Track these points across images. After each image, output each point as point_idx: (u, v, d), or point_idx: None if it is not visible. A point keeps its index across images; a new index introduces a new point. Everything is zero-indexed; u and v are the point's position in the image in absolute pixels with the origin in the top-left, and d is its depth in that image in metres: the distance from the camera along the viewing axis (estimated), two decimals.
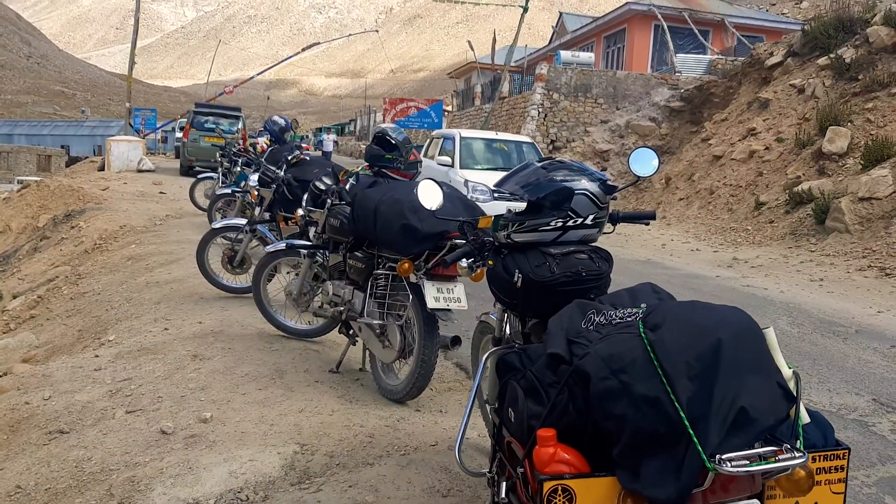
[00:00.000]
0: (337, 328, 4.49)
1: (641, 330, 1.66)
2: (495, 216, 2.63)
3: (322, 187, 4.68)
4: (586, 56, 27.63)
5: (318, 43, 33.96)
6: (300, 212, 4.82)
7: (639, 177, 2.64)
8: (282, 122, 8.64)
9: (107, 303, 6.58)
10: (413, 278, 3.77)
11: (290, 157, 6.02)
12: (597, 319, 1.86)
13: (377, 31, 64.68)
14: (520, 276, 2.34)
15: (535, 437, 1.66)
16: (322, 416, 3.55)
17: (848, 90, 13.50)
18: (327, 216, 4.52)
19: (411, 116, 33.06)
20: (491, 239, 2.58)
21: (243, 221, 6.24)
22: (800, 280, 8.28)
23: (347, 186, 4.49)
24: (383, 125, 5.14)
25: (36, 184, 14.50)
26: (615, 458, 1.59)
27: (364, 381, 4.25)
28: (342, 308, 4.28)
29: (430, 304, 3.64)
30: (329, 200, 4.54)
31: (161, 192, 14.85)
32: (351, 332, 4.33)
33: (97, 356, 4.56)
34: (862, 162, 10.92)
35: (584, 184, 2.40)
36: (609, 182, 2.48)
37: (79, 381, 4.08)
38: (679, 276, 8.41)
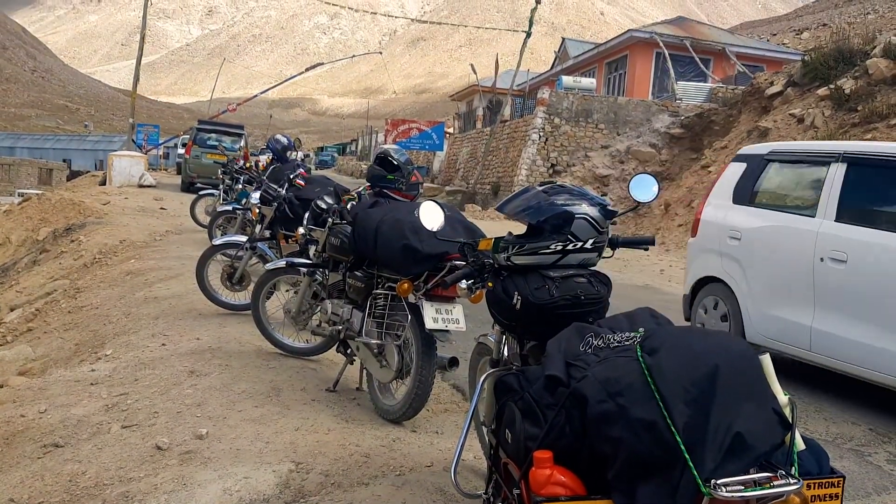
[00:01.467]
0: (335, 347, 4.49)
1: (639, 354, 1.68)
2: (495, 238, 2.65)
3: (323, 206, 4.71)
4: (588, 82, 27.86)
5: (322, 63, 34.27)
6: (301, 230, 4.85)
7: (639, 202, 2.66)
8: (284, 140, 8.71)
9: (105, 317, 6.58)
10: (412, 299, 3.78)
11: (292, 176, 6.06)
12: (595, 343, 1.87)
13: (381, 52, 65.27)
14: (519, 298, 2.36)
15: (532, 459, 1.66)
16: (318, 434, 3.54)
17: (847, 121, 13.62)
18: (328, 235, 4.54)
19: (413, 138, 33.28)
20: (491, 261, 2.60)
21: (244, 239, 6.27)
22: None
23: (349, 206, 4.51)
24: (385, 146, 5.18)
25: (37, 197, 14.55)
26: (611, 481, 1.60)
27: (361, 400, 4.25)
28: (340, 327, 4.29)
29: (429, 324, 3.65)
30: (330, 219, 4.57)
31: (162, 208, 14.90)
32: (349, 351, 4.33)
33: (94, 370, 4.55)
34: None
35: (585, 208, 2.43)
36: (609, 207, 2.50)
37: (75, 395, 4.08)
38: (677, 302, 8.40)
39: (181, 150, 27.18)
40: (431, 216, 2.76)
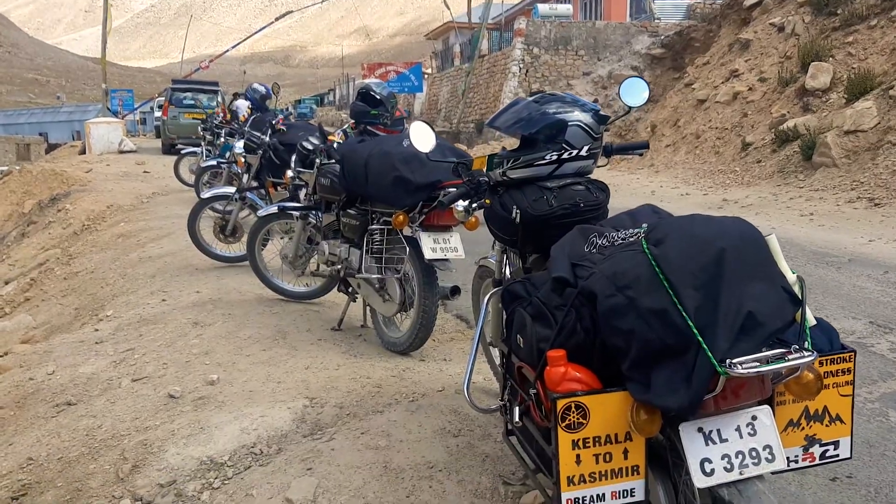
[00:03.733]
0: (336, 287, 4.49)
1: (645, 247, 1.67)
2: (489, 155, 2.62)
3: (310, 147, 4.64)
4: (564, 8, 27.34)
5: (292, 11, 33.41)
6: (289, 173, 4.79)
7: (630, 107, 2.62)
8: (262, 89, 8.53)
9: (101, 280, 6.55)
10: (408, 231, 3.77)
11: (274, 122, 5.96)
12: (599, 242, 1.87)
13: None
14: (518, 211, 2.34)
15: (546, 359, 1.67)
16: (328, 371, 3.57)
17: (828, 25, 13.42)
18: (317, 176, 4.49)
19: (391, 81, 32.67)
20: (486, 179, 2.58)
21: (232, 190, 6.20)
22: (790, 216, 8.33)
23: (335, 145, 4.45)
24: (367, 80, 5.10)
25: (18, 170, 14.32)
26: (625, 373, 1.61)
27: (367, 336, 4.28)
28: (339, 266, 4.28)
29: (428, 255, 3.64)
30: (318, 160, 4.51)
31: (145, 172, 14.72)
32: (350, 289, 4.34)
33: (97, 330, 4.56)
34: (845, 96, 10.91)
35: (577, 115, 2.39)
36: (601, 112, 2.47)
37: (81, 355, 4.08)
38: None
39: (158, 113, 26.72)
40: (423, 137, 2.71)
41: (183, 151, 11.55)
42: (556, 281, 1.81)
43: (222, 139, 8.53)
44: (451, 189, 3.52)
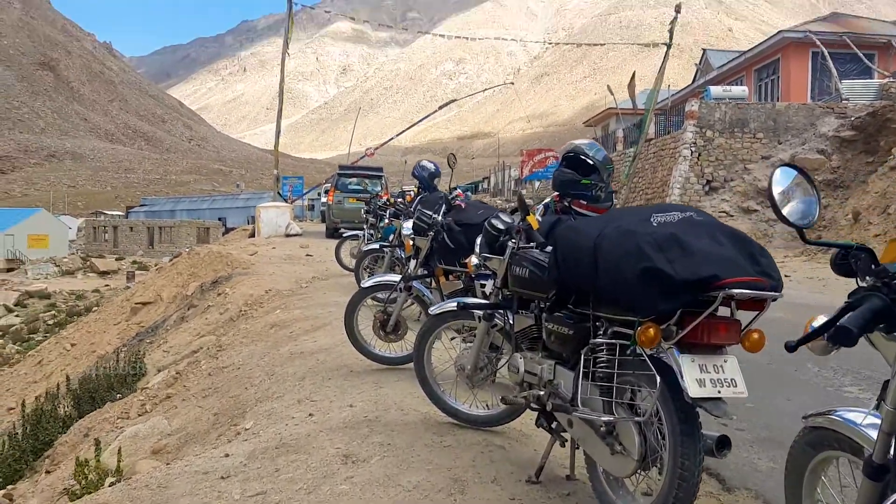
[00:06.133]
0: (535, 422, 3.26)
1: None
2: None
3: (501, 227, 3.54)
4: (739, 90, 25.63)
5: (455, 100, 33.95)
6: (474, 259, 3.70)
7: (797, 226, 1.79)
8: (431, 167, 7.74)
9: (246, 379, 5.76)
10: (656, 351, 2.53)
11: (451, 197, 4.97)
12: None
13: (512, 83, 65.06)
14: None
15: None
16: None
17: None
18: (511, 264, 3.37)
19: (550, 167, 32.00)
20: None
21: (396, 278, 5.22)
22: None
23: (538, 221, 3.32)
24: (575, 141, 3.98)
25: (187, 252, 14.57)
26: None
27: (577, 496, 3.00)
28: (541, 392, 3.07)
29: (694, 391, 2.36)
30: (512, 243, 3.40)
31: (308, 255, 14.49)
32: (554, 425, 3.11)
33: (227, 456, 3.60)
34: None
35: None
36: None
37: (201, 496, 3.10)
38: None
39: (324, 199, 27.44)
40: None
41: (345, 235, 11.05)
42: None
43: (386, 221, 7.72)
44: (738, 291, 2.27)
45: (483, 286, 4.85)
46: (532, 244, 3.29)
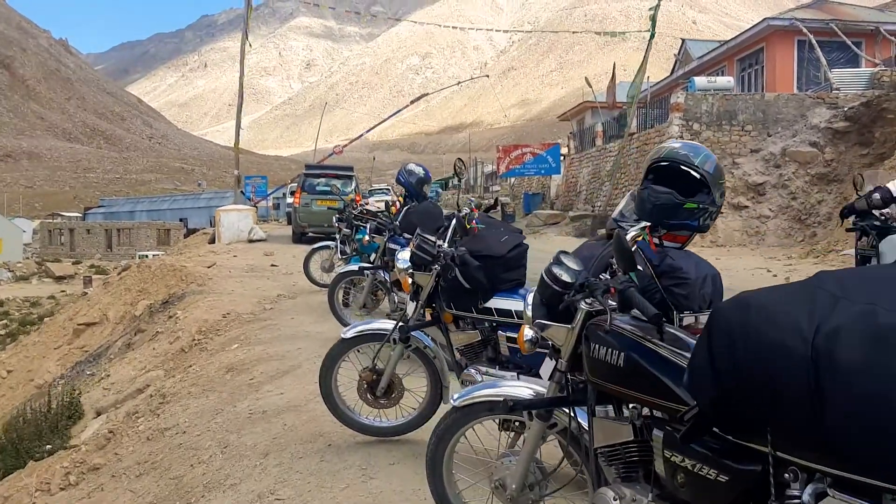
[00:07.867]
0: None
1: None
2: None
3: (567, 279, 2.26)
4: (725, 80, 24.73)
5: (427, 94, 32.62)
6: (528, 332, 2.37)
7: None
8: (420, 171, 6.44)
9: (193, 451, 4.42)
10: None
11: (465, 217, 3.66)
12: None
13: (487, 75, 63.91)
14: None
15: None
16: None
17: None
18: (587, 339, 2.11)
19: (527, 163, 30.80)
20: None
21: (389, 325, 3.90)
22: None
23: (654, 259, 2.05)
24: (668, 144, 2.69)
25: (136, 265, 13.06)
26: None
27: None
28: None
29: None
30: (586, 304, 2.13)
31: (273, 265, 13.06)
32: None
33: None
34: None
35: None
36: None
37: None
38: None
39: (290, 200, 25.91)
40: None
41: (315, 246, 9.70)
42: None
43: (367, 236, 6.38)
44: None
45: (510, 340, 3.59)
46: (632, 311, 2.02)
